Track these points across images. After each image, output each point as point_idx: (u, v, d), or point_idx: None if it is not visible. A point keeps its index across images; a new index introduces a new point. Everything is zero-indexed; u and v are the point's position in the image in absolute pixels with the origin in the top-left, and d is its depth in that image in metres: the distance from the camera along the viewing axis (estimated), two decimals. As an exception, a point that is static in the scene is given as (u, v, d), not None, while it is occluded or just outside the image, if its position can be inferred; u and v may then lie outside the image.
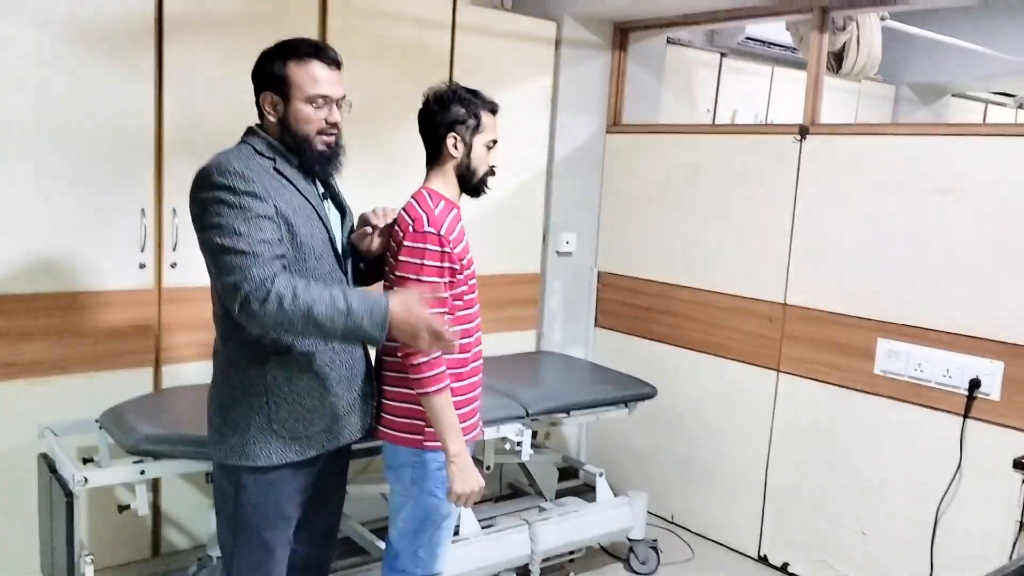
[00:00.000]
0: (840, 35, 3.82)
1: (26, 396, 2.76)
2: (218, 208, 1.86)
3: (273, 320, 1.83)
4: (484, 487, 2.18)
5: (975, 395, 2.91)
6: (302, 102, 1.97)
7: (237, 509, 2.03)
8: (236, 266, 1.83)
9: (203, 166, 1.93)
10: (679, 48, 4.57)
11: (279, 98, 1.99)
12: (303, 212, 1.99)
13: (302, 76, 1.97)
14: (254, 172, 1.91)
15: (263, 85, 2.01)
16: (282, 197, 1.94)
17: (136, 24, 2.81)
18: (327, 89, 1.99)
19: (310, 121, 1.98)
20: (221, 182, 1.87)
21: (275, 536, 2.06)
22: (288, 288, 1.82)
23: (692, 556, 3.62)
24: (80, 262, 2.80)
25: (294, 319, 1.82)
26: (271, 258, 1.85)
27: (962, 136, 2.98)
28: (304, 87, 1.97)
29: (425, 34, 3.46)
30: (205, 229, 1.88)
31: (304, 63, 1.97)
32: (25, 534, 2.75)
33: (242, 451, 1.98)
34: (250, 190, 1.87)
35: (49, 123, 2.69)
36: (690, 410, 3.80)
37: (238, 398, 2.00)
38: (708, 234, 3.71)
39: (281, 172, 1.98)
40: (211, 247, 1.87)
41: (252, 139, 2.02)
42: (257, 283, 1.81)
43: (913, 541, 3.07)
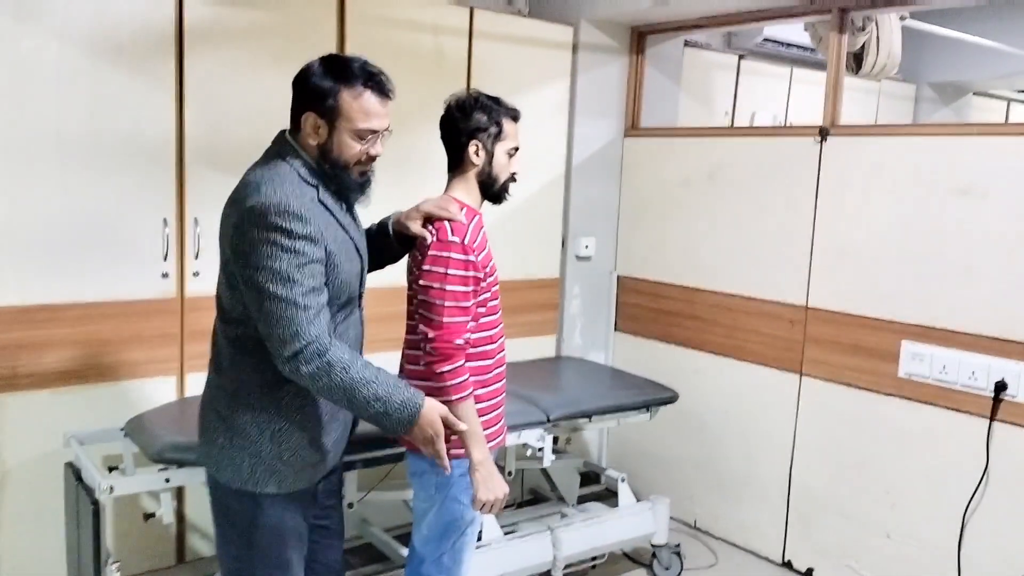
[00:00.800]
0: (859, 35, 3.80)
1: (51, 405, 2.79)
2: (270, 250, 1.78)
3: (314, 382, 1.81)
4: (508, 493, 2.17)
5: (1001, 397, 2.88)
6: (349, 134, 1.88)
7: (254, 531, 1.97)
8: (289, 318, 1.78)
9: (258, 201, 1.81)
10: (697, 51, 4.56)
11: (324, 122, 1.88)
12: (344, 247, 1.93)
13: (353, 108, 1.86)
14: (309, 210, 1.83)
15: (308, 103, 1.89)
16: (329, 234, 1.88)
17: (157, 35, 2.83)
18: (376, 124, 1.90)
19: (352, 153, 1.90)
20: (279, 224, 1.78)
21: (295, 553, 2.03)
22: (341, 359, 1.81)
23: (716, 561, 3.60)
24: (103, 272, 2.83)
25: (334, 389, 1.81)
26: (320, 309, 1.82)
27: (984, 136, 2.95)
28: (354, 120, 1.87)
29: (442, 41, 3.47)
30: (253, 268, 1.80)
31: (357, 93, 1.86)
32: (52, 542, 2.78)
33: (251, 476, 1.93)
34: (306, 234, 1.81)
35: (72, 133, 2.72)
36: (712, 414, 3.78)
37: (247, 421, 1.92)
38: (728, 237, 3.69)
39: (324, 203, 1.90)
40: (259, 289, 1.80)
41: (292, 159, 1.91)
42: (311, 341, 1.78)
43: (939, 546, 3.04)
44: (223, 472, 1.96)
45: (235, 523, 1.99)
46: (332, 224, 1.91)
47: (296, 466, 1.95)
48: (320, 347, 1.79)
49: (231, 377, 1.95)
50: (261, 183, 1.85)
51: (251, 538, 1.98)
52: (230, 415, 1.94)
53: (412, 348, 2.23)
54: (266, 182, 1.84)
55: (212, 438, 1.97)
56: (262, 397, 1.92)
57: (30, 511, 2.80)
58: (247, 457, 1.92)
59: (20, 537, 2.79)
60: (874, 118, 5.56)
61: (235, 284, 1.87)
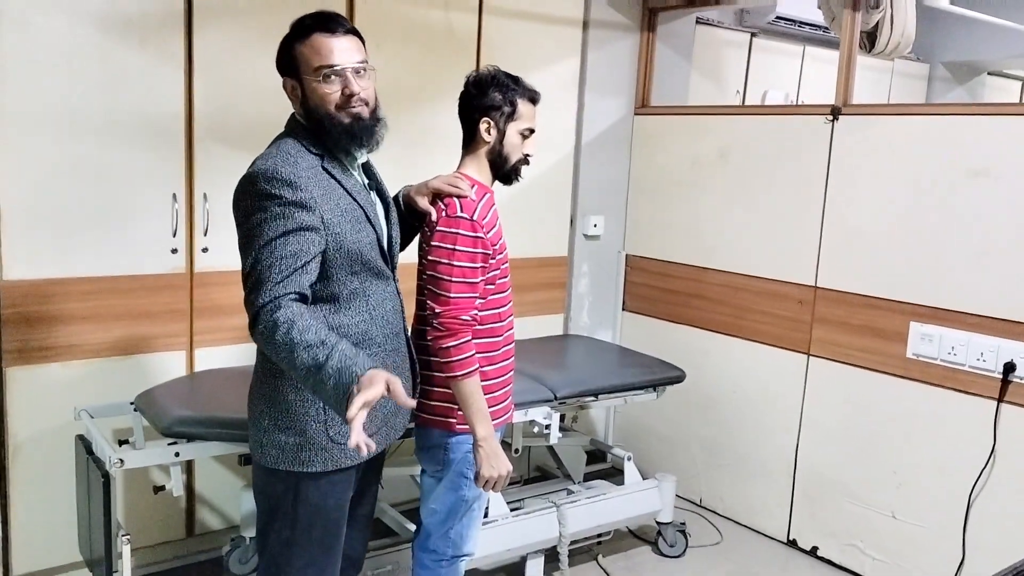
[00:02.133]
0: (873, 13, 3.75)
1: (62, 379, 2.81)
2: (260, 216, 1.80)
3: (265, 344, 1.77)
4: (512, 471, 2.17)
5: (1010, 379, 2.87)
6: (311, 78, 1.87)
7: (297, 512, 1.96)
8: (256, 281, 1.78)
9: (251, 170, 1.85)
10: (708, 28, 4.52)
11: (294, 81, 1.91)
12: (351, 215, 1.91)
13: (306, 54, 1.87)
14: (303, 178, 1.83)
15: (282, 71, 1.94)
16: (330, 202, 1.87)
17: (166, 10, 2.82)
18: (334, 58, 1.86)
19: (325, 97, 1.87)
20: (267, 190, 1.80)
21: (335, 535, 2.03)
22: (289, 318, 1.73)
23: (721, 539, 3.62)
24: (113, 247, 2.84)
25: (278, 349, 1.74)
26: (291, 274, 1.78)
27: (998, 116, 2.93)
28: (310, 62, 1.87)
29: (452, 17, 3.45)
30: (245, 236, 1.83)
31: (306, 40, 1.88)
32: (63, 515, 2.81)
33: (297, 457, 1.92)
34: (297, 199, 1.80)
35: (81, 109, 2.72)
36: (719, 394, 3.79)
37: (292, 401, 1.92)
38: (738, 217, 3.68)
39: (328, 171, 1.90)
40: (245, 255, 1.82)
41: (297, 132, 1.93)
42: (268, 303, 1.75)
43: (945, 526, 3.05)
44: (267, 454, 1.95)
45: (279, 504, 1.98)
46: (335, 191, 1.89)
47: (342, 442, 1.93)
48: (273, 306, 1.75)
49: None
50: (257, 157, 1.88)
51: (295, 519, 1.97)
52: (275, 395, 1.94)
53: (422, 324, 2.23)
54: (262, 156, 1.88)
55: (258, 421, 1.97)
56: None
57: (41, 484, 2.82)
58: (293, 437, 1.92)
59: (32, 510, 2.82)
60: (887, 97, 5.51)
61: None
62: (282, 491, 1.97)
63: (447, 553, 2.36)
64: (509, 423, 2.49)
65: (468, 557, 2.42)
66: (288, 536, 1.98)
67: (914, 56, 5.49)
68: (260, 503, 2.04)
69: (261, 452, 1.97)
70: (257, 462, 2.00)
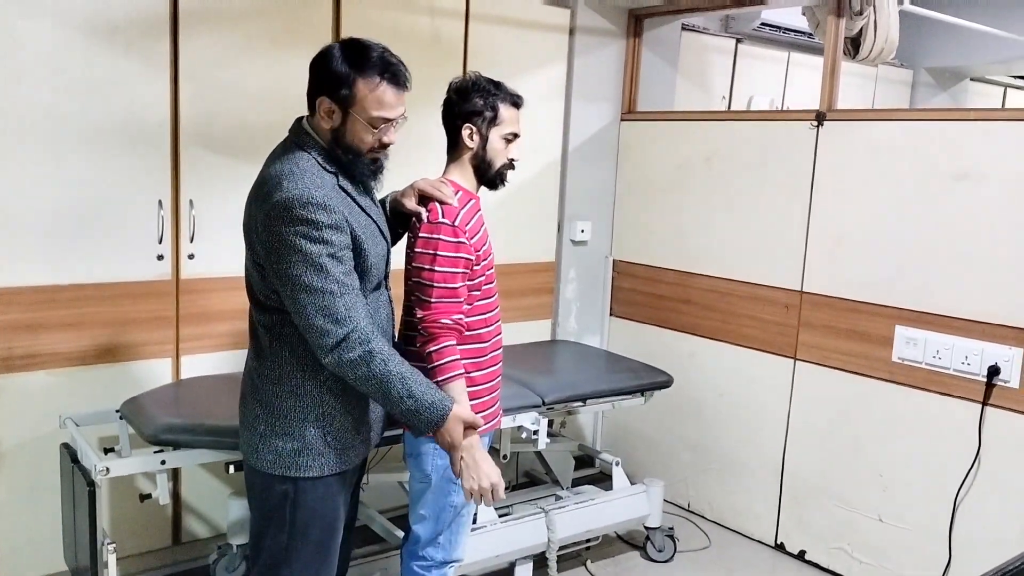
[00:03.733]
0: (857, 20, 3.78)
1: (47, 387, 2.79)
2: (300, 243, 1.80)
3: (354, 370, 1.83)
4: (500, 482, 2.04)
5: (994, 382, 2.89)
6: (362, 123, 1.88)
7: (295, 517, 1.97)
8: (328, 307, 1.80)
9: (281, 196, 1.81)
10: (694, 34, 4.55)
11: (338, 108, 1.88)
12: (368, 231, 1.94)
13: (368, 98, 1.86)
14: (332, 199, 1.84)
15: (323, 88, 1.88)
16: (353, 219, 1.89)
17: (152, 17, 2.82)
18: (390, 113, 1.90)
19: (365, 141, 1.90)
20: (304, 216, 1.79)
21: (332, 539, 2.04)
22: (383, 350, 1.84)
23: (709, 544, 3.63)
24: (99, 254, 2.83)
25: (372, 379, 1.84)
26: (357, 296, 1.85)
27: (981, 121, 2.95)
28: (369, 109, 1.87)
29: (439, 23, 3.46)
30: (286, 264, 1.82)
31: (373, 84, 1.86)
32: (48, 523, 2.79)
33: (294, 462, 1.94)
34: (332, 223, 1.82)
35: (66, 115, 2.71)
36: (706, 398, 3.80)
37: (290, 407, 1.94)
38: (724, 222, 3.70)
39: (344, 189, 1.91)
40: (293, 283, 1.81)
41: (310, 147, 1.91)
42: (355, 328, 1.82)
43: (931, 529, 3.06)
44: (262, 459, 1.96)
45: (275, 509, 1.98)
46: (354, 209, 1.92)
47: (339, 448, 1.97)
48: (363, 335, 1.82)
49: (272, 363, 1.96)
50: (282, 177, 1.85)
51: (291, 524, 1.97)
52: (272, 401, 1.95)
53: (410, 329, 2.23)
54: (287, 176, 1.85)
55: (253, 426, 1.98)
56: (304, 382, 1.93)
57: (26, 492, 2.80)
58: (292, 442, 1.93)
59: (16, 518, 2.80)
60: (871, 103, 5.55)
61: (267, 275, 1.88)
62: (279, 496, 1.97)
63: (435, 559, 2.36)
64: (497, 429, 2.49)
65: (457, 563, 2.42)
66: (285, 541, 1.98)
67: (898, 62, 5.54)
68: (255, 509, 2.04)
69: (257, 457, 1.97)
70: (252, 466, 2.00)
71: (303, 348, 1.90)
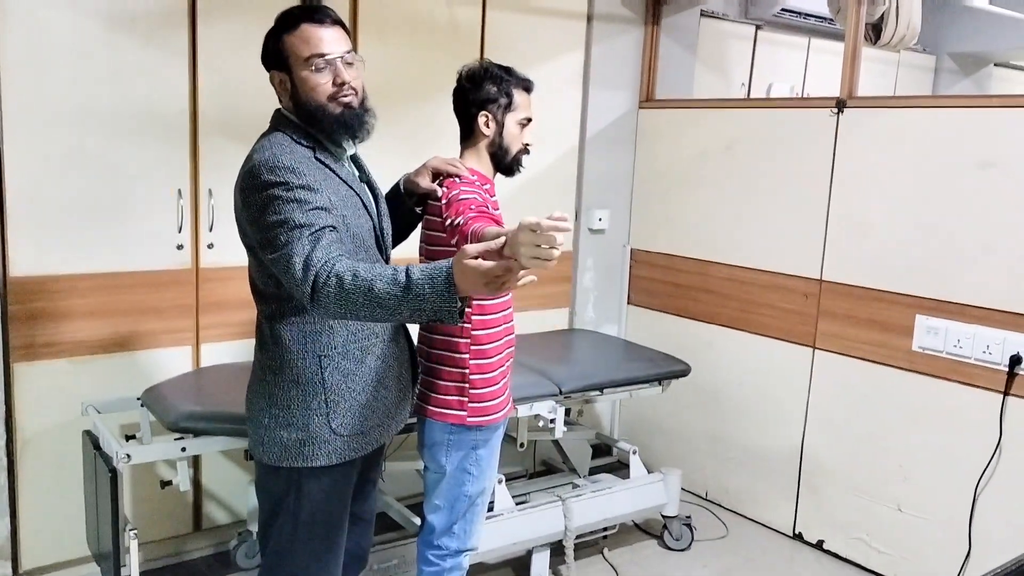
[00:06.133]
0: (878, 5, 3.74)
1: (69, 375, 2.82)
2: (275, 205, 1.78)
3: (337, 304, 1.70)
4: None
5: (1016, 372, 2.86)
6: (302, 69, 1.87)
7: (300, 509, 1.96)
8: (298, 254, 1.73)
9: (250, 165, 1.84)
10: (713, 21, 4.50)
11: (284, 74, 1.90)
12: (349, 202, 1.92)
13: (294, 42, 1.87)
14: (302, 165, 1.83)
15: (268, 65, 1.94)
16: (330, 188, 1.87)
17: (170, 6, 2.83)
18: (324, 47, 1.87)
19: (317, 87, 1.87)
20: (272, 179, 1.79)
21: (339, 531, 2.04)
22: (348, 269, 1.70)
23: (727, 533, 3.62)
24: (120, 243, 2.85)
25: (357, 299, 1.68)
26: (331, 242, 1.76)
27: (1004, 108, 2.91)
28: (299, 52, 1.87)
29: (456, 11, 3.45)
30: (262, 228, 1.80)
31: (295, 31, 1.88)
32: (72, 509, 2.83)
33: (300, 452, 1.92)
34: (303, 183, 1.80)
35: (87, 105, 2.73)
36: (724, 387, 3.78)
37: (293, 396, 1.92)
38: (743, 210, 3.67)
39: (322, 161, 1.90)
40: (272, 244, 1.78)
41: (285, 126, 1.93)
42: (322, 264, 1.71)
43: (951, 519, 3.04)
44: (269, 451, 1.95)
45: (281, 501, 1.98)
46: (331, 179, 1.90)
47: (345, 434, 1.95)
48: (328, 265, 1.72)
49: (272, 353, 1.95)
50: (253, 151, 1.89)
51: (297, 515, 1.97)
52: (275, 392, 1.94)
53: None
54: (256, 150, 1.88)
55: (258, 419, 1.97)
56: (306, 369, 1.92)
57: (49, 479, 2.84)
58: (295, 432, 1.92)
59: (40, 504, 2.84)
60: (893, 89, 5.48)
61: (257, 254, 1.88)
62: (284, 488, 1.97)
63: (452, 547, 2.37)
64: (512, 415, 2.50)
65: (472, 551, 2.43)
66: (291, 532, 1.98)
67: (920, 48, 5.46)
68: (262, 500, 2.04)
69: (263, 450, 1.97)
70: (259, 460, 2.00)
71: (303, 335, 1.90)
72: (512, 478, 3.53)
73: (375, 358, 1.99)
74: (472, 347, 2.23)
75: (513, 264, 1.59)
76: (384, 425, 2.06)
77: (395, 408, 2.10)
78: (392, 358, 2.05)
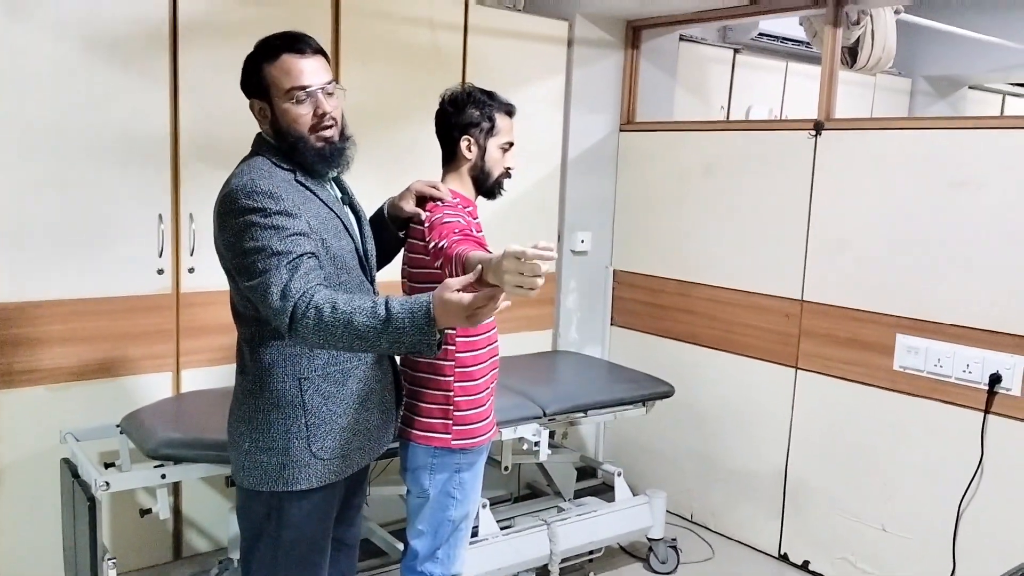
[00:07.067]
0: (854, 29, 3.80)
1: (47, 402, 2.79)
2: (252, 232, 1.77)
3: (316, 335, 1.71)
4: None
5: (996, 390, 2.88)
6: (283, 100, 1.86)
7: (281, 533, 1.94)
8: (276, 284, 1.73)
9: (228, 190, 1.84)
10: (692, 45, 4.56)
11: (263, 103, 1.90)
12: (331, 224, 1.91)
13: (275, 73, 1.86)
14: (281, 188, 1.83)
15: (248, 93, 1.93)
16: (310, 211, 1.86)
17: (151, 30, 2.83)
18: (304, 79, 1.86)
19: (298, 119, 1.87)
20: (250, 205, 1.79)
21: (321, 555, 2.02)
22: (328, 300, 1.71)
23: (712, 555, 3.61)
24: (99, 268, 2.83)
25: (334, 329, 1.69)
26: (309, 271, 1.76)
27: (979, 129, 2.95)
28: (281, 85, 1.86)
29: (437, 35, 3.47)
30: (240, 254, 1.79)
31: (276, 61, 1.87)
32: (48, 539, 2.78)
33: (280, 476, 1.90)
34: (281, 209, 1.79)
35: (67, 129, 2.71)
36: (708, 408, 3.79)
37: (273, 420, 1.91)
38: (724, 231, 3.70)
39: (302, 183, 1.90)
40: (249, 271, 1.78)
41: (266, 150, 1.93)
42: (300, 295, 1.72)
43: (935, 538, 3.05)
44: (249, 476, 1.93)
45: (262, 526, 1.96)
46: (312, 201, 1.90)
47: (326, 458, 1.93)
48: (307, 297, 1.72)
49: (253, 376, 1.93)
50: (231, 176, 1.88)
51: (278, 540, 1.95)
52: (255, 415, 1.92)
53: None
54: (235, 175, 1.88)
55: (239, 443, 1.96)
56: (286, 392, 1.90)
57: (26, 508, 2.79)
58: (275, 456, 1.91)
59: (16, 534, 2.79)
60: (870, 111, 5.56)
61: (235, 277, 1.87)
62: (265, 513, 1.95)
63: (434, 574, 2.34)
64: (496, 439, 2.48)
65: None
66: (272, 558, 1.96)
67: (895, 71, 5.55)
68: (243, 526, 2.02)
69: (243, 475, 1.95)
70: (239, 485, 1.98)
71: (283, 357, 1.89)
72: (496, 502, 3.51)
73: (357, 380, 1.98)
74: (457, 370, 2.23)
75: (495, 291, 1.61)
76: (366, 448, 2.05)
77: (378, 431, 2.08)
78: (375, 381, 2.04)
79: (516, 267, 1.55)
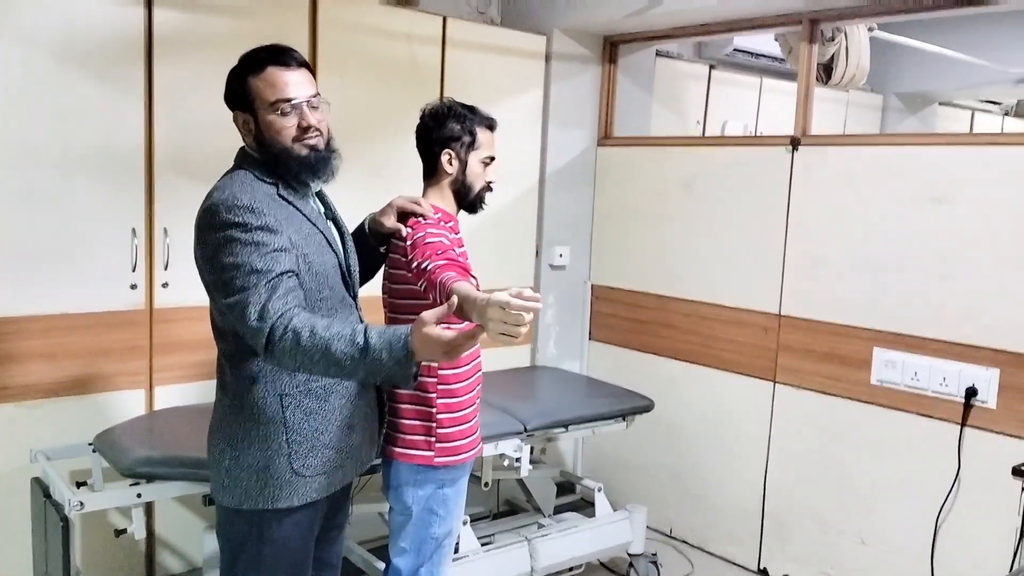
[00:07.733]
0: (829, 46, 3.84)
1: (18, 420, 2.72)
2: (231, 247, 1.76)
3: (293, 359, 1.71)
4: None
5: (972, 403, 2.91)
6: (267, 112, 1.86)
7: (262, 553, 1.91)
8: (254, 304, 1.72)
9: (209, 203, 1.82)
10: (668, 60, 4.59)
11: (248, 115, 1.89)
12: (313, 239, 1.90)
13: (260, 86, 1.86)
14: (262, 203, 1.81)
15: (232, 105, 1.92)
16: (292, 226, 1.85)
17: (126, 42, 2.79)
18: (289, 92, 1.86)
19: (282, 131, 1.86)
20: (231, 219, 1.77)
21: (302, 573, 1.99)
22: (306, 325, 1.69)
23: (692, 570, 3.60)
24: (71, 283, 2.78)
25: (313, 356, 1.68)
26: (288, 291, 1.75)
27: (952, 146, 3.00)
28: (265, 97, 1.85)
29: (416, 50, 3.46)
30: (219, 269, 1.77)
31: (260, 73, 1.86)
32: (18, 559, 2.71)
33: (261, 494, 1.88)
34: (262, 224, 1.78)
35: (39, 142, 2.67)
36: (687, 423, 3.79)
37: (254, 437, 1.88)
38: (702, 246, 3.71)
39: (285, 198, 1.88)
40: (227, 288, 1.76)
41: (249, 164, 1.91)
42: (278, 317, 1.70)
43: (913, 550, 3.06)
44: (229, 495, 1.90)
45: (242, 545, 1.93)
46: (295, 216, 1.88)
47: (308, 475, 1.91)
48: (285, 319, 1.71)
49: (233, 392, 1.91)
50: (213, 189, 1.86)
51: (259, 560, 1.92)
52: (236, 433, 1.90)
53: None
54: (217, 189, 1.86)
55: (219, 461, 1.92)
56: (267, 408, 1.88)
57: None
58: (256, 474, 1.88)
59: (-16, 556, 2.72)
60: (843, 127, 5.62)
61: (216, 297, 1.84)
62: (246, 531, 1.92)
63: (417, 591, 2.32)
64: (479, 456, 2.46)
65: (438, 595, 2.37)
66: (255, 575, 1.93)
67: (868, 87, 5.62)
68: (223, 546, 1.98)
69: (223, 493, 1.92)
70: (219, 503, 1.95)
71: (263, 373, 1.87)
72: (476, 519, 3.48)
73: (339, 397, 1.96)
74: (439, 386, 2.21)
75: (477, 331, 1.63)
76: (349, 466, 2.02)
77: (360, 448, 2.06)
78: (358, 397, 2.01)
79: (501, 316, 1.57)
